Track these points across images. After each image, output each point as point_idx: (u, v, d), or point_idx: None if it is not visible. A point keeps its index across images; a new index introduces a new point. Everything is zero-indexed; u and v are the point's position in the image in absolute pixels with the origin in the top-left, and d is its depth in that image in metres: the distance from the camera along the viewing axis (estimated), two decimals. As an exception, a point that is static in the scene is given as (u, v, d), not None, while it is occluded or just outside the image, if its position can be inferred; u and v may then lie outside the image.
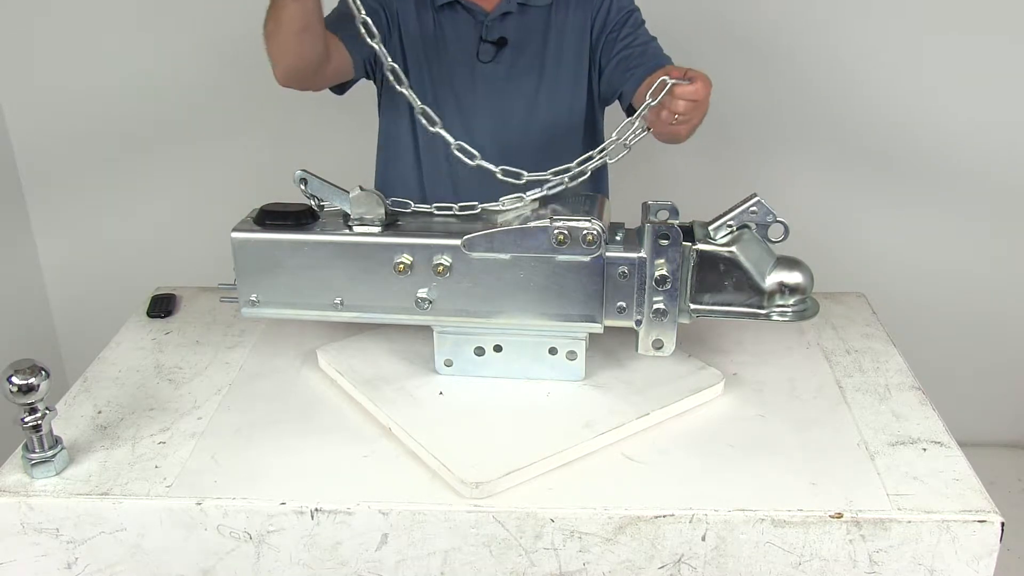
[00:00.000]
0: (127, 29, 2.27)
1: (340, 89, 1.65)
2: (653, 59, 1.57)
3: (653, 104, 1.22)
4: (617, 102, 1.65)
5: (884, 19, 2.18)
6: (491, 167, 1.22)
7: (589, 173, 1.22)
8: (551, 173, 1.21)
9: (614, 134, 1.22)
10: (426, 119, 1.21)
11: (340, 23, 1.50)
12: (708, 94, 1.26)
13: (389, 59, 1.19)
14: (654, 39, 1.62)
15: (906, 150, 2.30)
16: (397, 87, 1.20)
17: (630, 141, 1.23)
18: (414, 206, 1.24)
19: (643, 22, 1.64)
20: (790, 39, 2.23)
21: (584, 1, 1.62)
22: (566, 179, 1.21)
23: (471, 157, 1.22)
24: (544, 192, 1.21)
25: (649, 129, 1.26)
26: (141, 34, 2.27)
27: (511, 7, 1.59)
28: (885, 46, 2.21)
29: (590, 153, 1.22)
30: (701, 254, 1.16)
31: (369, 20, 1.18)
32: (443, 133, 1.21)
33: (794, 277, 1.17)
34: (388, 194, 1.22)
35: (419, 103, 1.20)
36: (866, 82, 2.25)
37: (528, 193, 1.21)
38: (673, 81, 1.22)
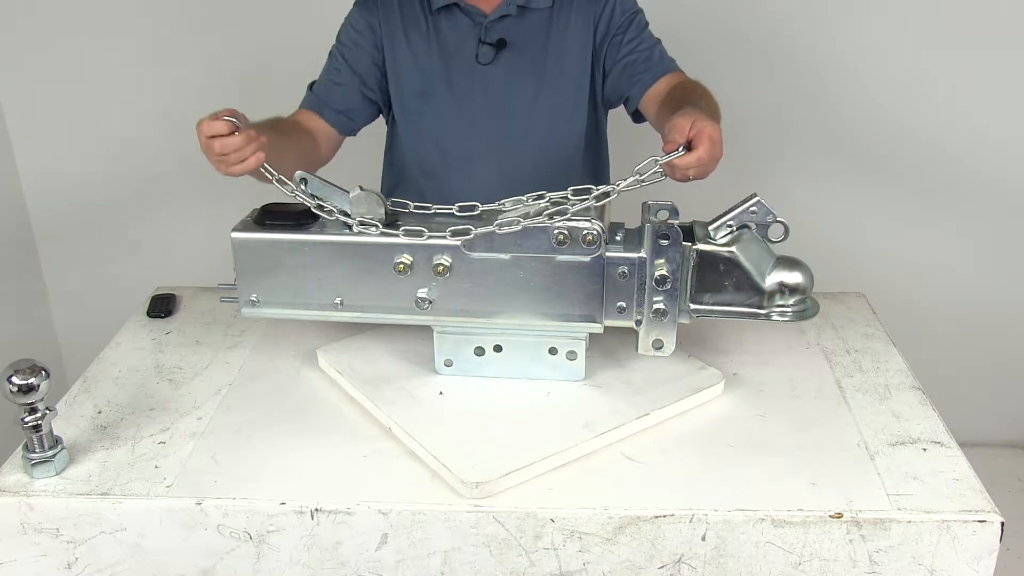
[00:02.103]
0: (128, 31, 2.27)
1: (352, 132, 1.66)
2: (659, 64, 1.58)
3: (665, 178, 1.19)
4: (623, 106, 1.65)
5: (885, 20, 2.19)
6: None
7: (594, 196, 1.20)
8: (571, 191, 1.18)
9: (632, 178, 1.16)
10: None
11: (327, 99, 1.57)
12: (717, 146, 1.18)
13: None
14: (658, 41, 1.62)
15: (906, 150, 2.30)
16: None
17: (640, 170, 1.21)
18: (413, 206, 1.24)
19: (647, 24, 1.63)
20: (791, 40, 2.23)
21: (586, 4, 1.61)
22: (589, 199, 1.16)
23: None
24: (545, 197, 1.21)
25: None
26: (142, 36, 2.27)
27: (510, 9, 1.58)
28: (886, 46, 2.21)
29: (611, 187, 1.16)
30: (701, 254, 1.16)
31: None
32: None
33: (794, 277, 1.17)
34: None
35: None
36: (867, 83, 2.25)
37: (527, 195, 1.20)
38: (663, 160, 1.16)
